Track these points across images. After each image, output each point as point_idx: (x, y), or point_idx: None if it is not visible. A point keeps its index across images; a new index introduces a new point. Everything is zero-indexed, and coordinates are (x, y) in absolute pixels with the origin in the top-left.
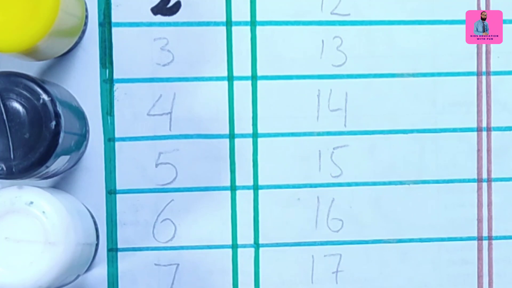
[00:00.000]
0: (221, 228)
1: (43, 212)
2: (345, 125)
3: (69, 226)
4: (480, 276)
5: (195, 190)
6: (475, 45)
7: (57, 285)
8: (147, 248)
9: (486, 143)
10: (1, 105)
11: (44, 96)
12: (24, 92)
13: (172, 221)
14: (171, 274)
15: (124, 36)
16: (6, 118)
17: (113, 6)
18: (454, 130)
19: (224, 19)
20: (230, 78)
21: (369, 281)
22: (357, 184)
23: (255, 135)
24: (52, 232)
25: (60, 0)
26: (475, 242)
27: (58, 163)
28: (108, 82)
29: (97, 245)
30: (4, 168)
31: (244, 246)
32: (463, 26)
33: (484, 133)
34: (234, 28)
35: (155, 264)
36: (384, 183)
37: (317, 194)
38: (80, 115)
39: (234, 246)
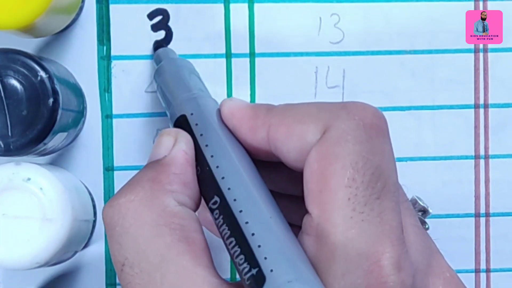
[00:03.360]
0: None
1: (41, 188)
2: None
3: (67, 203)
4: (477, 253)
5: None
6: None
7: (55, 261)
8: None
9: (483, 119)
10: None
11: (42, 73)
12: (22, 69)
13: None
14: None
15: (121, 13)
16: (3, 95)
17: None
18: (452, 107)
19: None
20: (228, 55)
21: None
22: None
23: None
24: (49, 208)
25: None
26: (473, 218)
27: (56, 140)
28: (105, 59)
29: (94, 221)
30: (2, 145)
31: None
32: (461, 4)
33: (482, 110)
34: (232, 6)
35: None
36: None
37: None
38: (77, 92)
39: None
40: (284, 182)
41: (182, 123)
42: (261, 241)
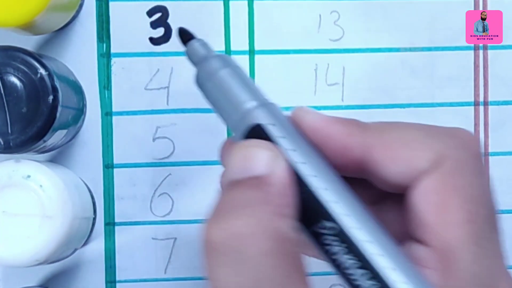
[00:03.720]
0: None
1: (41, 186)
2: (342, 100)
3: (66, 200)
4: None
5: (192, 164)
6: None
7: (55, 259)
8: (145, 222)
9: (483, 117)
10: None
11: (42, 71)
12: (22, 67)
13: (169, 195)
14: (169, 248)
15: (121, 11)
16: (3, 93)
17: None
18: (451, 104)
19: None
20: (228, 53)
21: None
22: None
23: None
24: (49, 206)
25: None
26: None
27: (56, 137)
28: (105, 56)
29: (94, 219)
30: (2, 142)
31: None
32: (461, 1)
33: (481, 108)
34: (231, 3)
35: (153, 238)
36: None
37: None
38: (77, 89)
39: None
40: (366, 202)
41: (256, 133)
42: (402, 276)
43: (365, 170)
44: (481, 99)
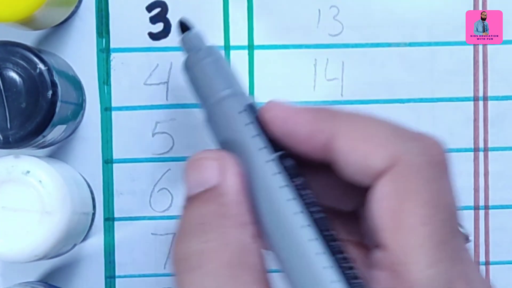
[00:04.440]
0: None
1: (40, 181)
2: (341, 95)
3: (66, 196)
4: (476, 245)
5: None
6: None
7: (54, 254)
8: (144, 218)
9: (482, 112)
10: None
11: (41, 66)
12: (21, 62)
13: (168, 191)
14: (168, 243)
15: (120, 6)
16: (2, 88)
17: None
18: (451, 99)
19: None
20: (227, 48)
21: None
22: None
23: None
24: (48, 201)
25: None
26: (472, 211)
27: (55, 132)
28: (104, 52)
29: (93, 214)
30: (1, 138)
31: None
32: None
33: (481, 103)
34: None
35: (152, 234)
36: None
37: None
38: (76, 84)
39: None
40: (333, 191)
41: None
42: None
43: (330, 159)
44: (481, 94)
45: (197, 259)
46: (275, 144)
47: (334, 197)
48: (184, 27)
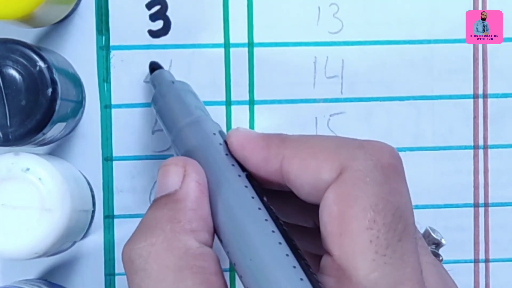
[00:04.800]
0: None
1: (40, 178)
2: (341, 92)
3: (65, 193)
4: (476, 243)
5: None
6: None
7: (54, 252)
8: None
9: (482, 109)
10: None
11: (41, 63)
12: (21, 59)
13: None
14: None
15: (120, 3)
16: (2, 86)
17: None
18: (451, 97)
19: None
20: (227, 45)
21: None
22: None
23: (251, 102)
24: (48, 198)
25: None
26: (471, 208)
27: (55, 130)
28: (104, 49)
29: (93, 212)
30: (1, 135)
31: None
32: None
33: (481, 100)
34: None
35: None
36: None
37: None
38: (76, 82)
39: None
40: (294, 213)
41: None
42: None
43: (285, 183)
44: (480, 91)
45: (143, 261)
46: (241, 166)
47: (297, 217)
48: (153, 67)
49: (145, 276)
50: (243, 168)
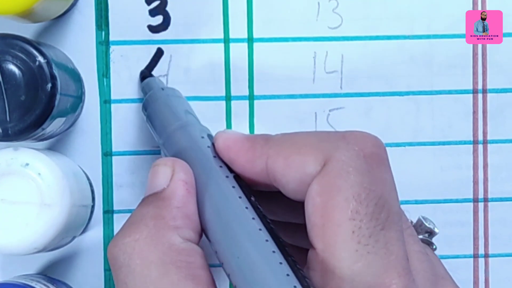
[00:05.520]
0: None
1: (39, 173)
2: (341, 87)
3: (65, 188)
4: (476, 238)
5: None
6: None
7: (53, 247)
8: None
9: (481, 105)
10: None
11: (40, 58)
12: (20, 54)
13: None
14: None
15: None
16: (1, 81)
17: None
18: (450, 92)
19: None
20: (226, 40)
21: None
22: None
23: (251, 97)
24: (47, 193)
25: None
26: (471, 204)
27: (54, 125)
28: (104, 44)
29: (93, 207)
30: (0, 130)
31: None
32: None
33: (480, 95)
34: None
35: None
36: None
37: None
38: (76, 77)
39: None
40: (284, 212)
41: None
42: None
43: (272, 183)
44: (480, 86)
45: (127, 257)
46: (229, 168)
47: (288, 215)
48: (144, 76)
49: (129, 272)
50: (231, 170)
